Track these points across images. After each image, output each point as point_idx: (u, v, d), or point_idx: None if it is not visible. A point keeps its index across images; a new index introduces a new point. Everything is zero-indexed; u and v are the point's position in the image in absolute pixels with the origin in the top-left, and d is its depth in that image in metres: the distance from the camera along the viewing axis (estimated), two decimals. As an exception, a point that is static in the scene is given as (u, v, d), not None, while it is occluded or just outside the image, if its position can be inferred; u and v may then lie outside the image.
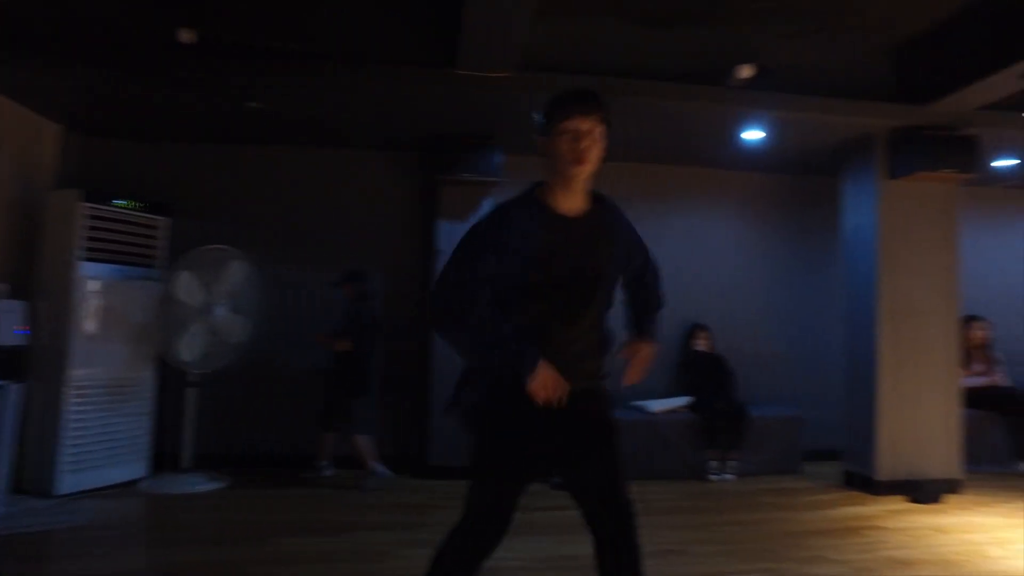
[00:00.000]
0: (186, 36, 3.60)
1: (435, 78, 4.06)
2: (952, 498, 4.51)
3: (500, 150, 4.84)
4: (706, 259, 5.76)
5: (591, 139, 1.83)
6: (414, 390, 5.22)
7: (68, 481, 4.19)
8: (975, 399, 5.55)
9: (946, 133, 4.57)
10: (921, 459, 4.64)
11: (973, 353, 5.74)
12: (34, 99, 4.44)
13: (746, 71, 4.08)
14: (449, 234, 5.05)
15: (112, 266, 4.47)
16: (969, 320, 5.79)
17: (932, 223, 4.78)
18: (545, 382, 1.81)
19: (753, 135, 4.81)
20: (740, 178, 5.86)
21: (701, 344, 5.44)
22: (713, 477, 5.00)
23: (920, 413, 4.67)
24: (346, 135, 5.15)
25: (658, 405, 5.16)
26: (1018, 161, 5.42)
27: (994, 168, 5.59)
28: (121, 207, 4.49)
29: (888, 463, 4.61)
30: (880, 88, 4.62)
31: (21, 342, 4.04)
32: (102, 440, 4.39)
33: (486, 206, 5.11)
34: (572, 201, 1.91)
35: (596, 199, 1.98)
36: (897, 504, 4.39)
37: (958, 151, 4.57)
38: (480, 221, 1.93)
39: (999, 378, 5.70)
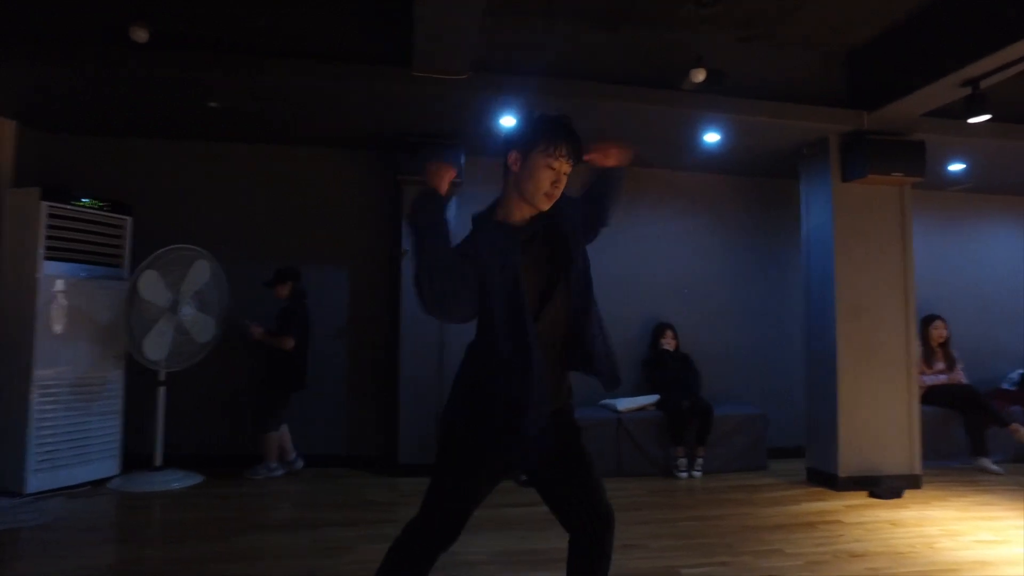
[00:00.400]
0: (139, 35, 3.60)
1: (390, 78, 4.11)
2: (911, 493, 4.60)
3: (461, 151, 4.90)
4: (671, 260, 5.87)
5: (563, 181, 1.90)
6: (383, 391, 5.26)
7: (37, 480, 4.19)
8: (935, 397, 5.69)
9: (895, 138, 4.70)
10: (881, 455, 4.73)
11: (934, 351, 5.88)
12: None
13: (699, 75, 4.16)
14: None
15: (76, 265, 4.47)
16: (930, 319, 5.94)
17: (885, 224, 4.89)
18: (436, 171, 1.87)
19: (711, 137, 4.90)
20: (703, 180, 5.97)
21: (667, 343, 5.51)
22: (681, 474, 5.07)
23: (878, 410, 4.77)
24: (309, 134, 5.19)
25: (625, 403, 5.22)
26: (965, 165, 5.58)
27: (947, 172, 5.76)
28: (83, 205, 4.49)
29: (848, 459, 4.69)
30: (832, 94, 4.77)
31: (-17, 341, 4.02)
32: (71, 439, 4.39)
33: (451, 207, 5.16)
34: (519, 216, 1.94)
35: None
36: (857, 499, 4.47)
37: (906, 155, 4.71)
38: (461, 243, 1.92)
39: (958, 376, 5.83)
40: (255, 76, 4.06)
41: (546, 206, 1.91)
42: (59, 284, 4.38)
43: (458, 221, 4.94)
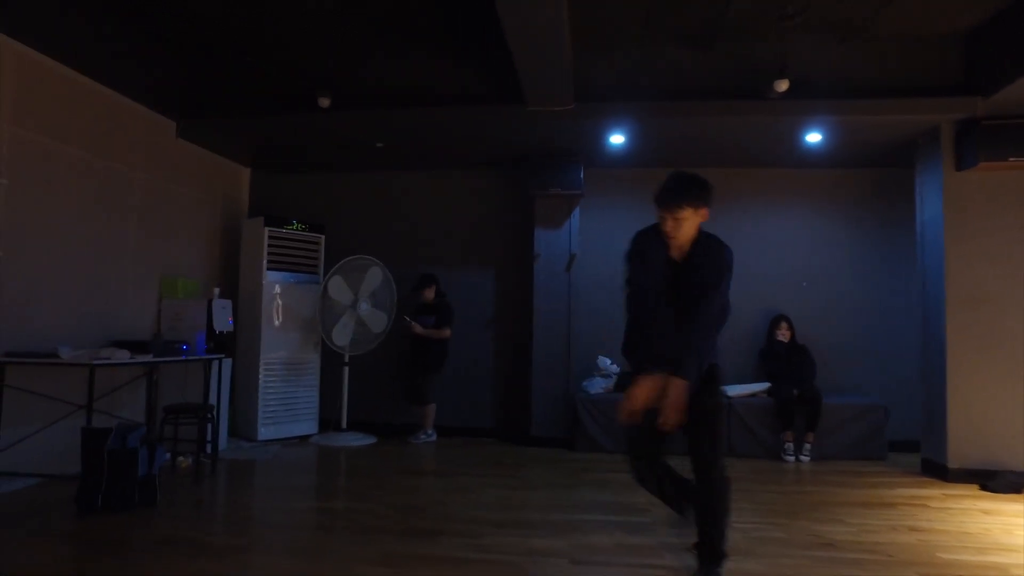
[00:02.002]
0: (323, 102, 4.89)
1: (511, 114, 5.00)
2: (1036, 490, 4.49)
3: (581, 167, 5.65)
4: (789, 254, 6.09)
5: (674, 224, 2.57)
6: (520, 374, 6.17)
7: (265, 431, 5.73)
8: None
9: (1013, 122, 4.57)
10: (1000, 449, 4.65)
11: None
12: (231, 151, 6.06)
13: (782, 85, 4.50)
14: (544, 239, 5.96)
15: (287, 273, 5.94)
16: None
17: (1005, 211, 4.76)
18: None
19: (812, 138, 5.13)
20: (819, 175, 6.12)
21: (782, 334, 5.77)
22: (788, 458, 5.35)
23: (996, 402, 4.68)
24: (457, 160, 6.27)
25: (736, 389, 5.61)
26: None
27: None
28: (291, 228, 5.95)
29: (960, 451, 4.69)
30: (945, 81, 4.76)
31: (230, 329, 5.59)
32: (285, 404, 5.88)
33: (574, 215, 5.95)
34: (675, 249, 2.65)
35: (700, 242, 2.64)
36: (966, 491, 4.47)
37: (1025, 139, 4.55)
38: (631, 247, 2.72)
39: None
40: (405, 123, 5.21)
41: (672, 244, 2.61)
42: (276, 288, 5.89)
43: (582, 230, 5.79)
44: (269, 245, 5.84)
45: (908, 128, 5.01)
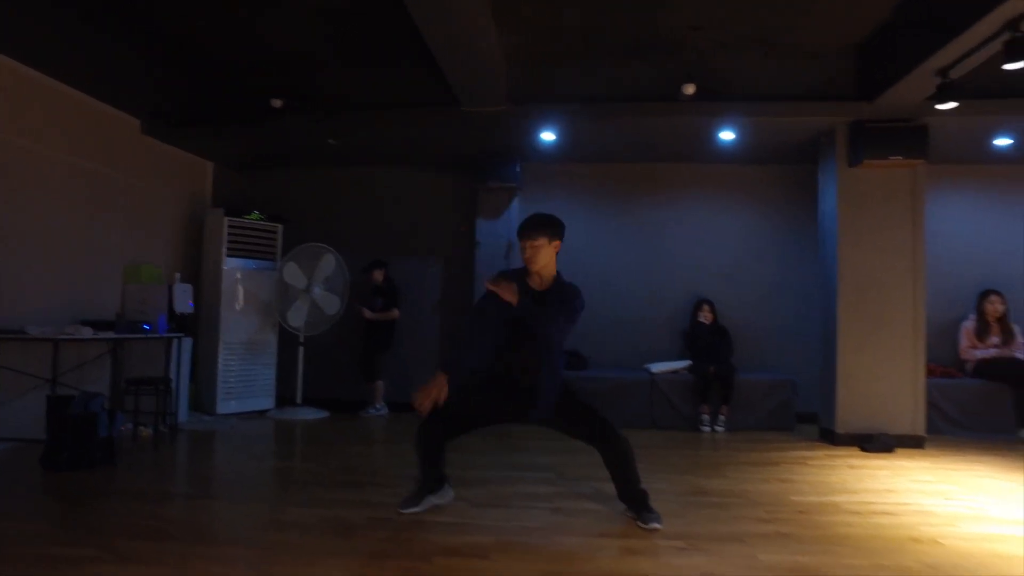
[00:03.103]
0: (276, 103, 5.32)
1: (448, 116, 5.45)
2: (907, 451, 5.04)
3: (517, 162, 6.14)
4: (713, 243, 6.62)
5: (531, 250, 3.11)
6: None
7: (223, 406, 6.18)
8: (986, 370, 5.87)
9: (894, 124, 5.09)
10: (880, 417, 5.20)
11: (989, 326, 6.01)
12: (194, 147, 6.49)
13: (689, 89, 4.99)
14: (485, 229, 6.45)
15: (246, 260, 6.38)
16: (986, 294, 6.07)
17: (892, 204, 5.29)
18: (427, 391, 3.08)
19: (726, 136, 5.63)
20: (733, 171, 6.65)
21: (704, 316, 6.29)
22: (704, 428, 5.88)
23: (880, 377, 5.23)
24: (405, 157, 6.72)
25: (659, 367, 6.13)
26: (1012, 140, 5.66)
27: (996, 148, 5.85)
28: (250, 218, 6.39)
29: (846, 419, 5.24)
30: (841, 88, 5.25)
31: (191, 311, 6.02)
32: (243, 380, 6.33)
33: (513, 206, 6.43)
34: (539, 281, 3.19)
35: (558, 283, 3.22)
36: (848, 452, 5.02)
37: (905, 140, 5.08)
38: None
39: (1012, 350, 5.90)
40: (353, 124, 5.67)
41: (530, 269, 3.17)
42: (237, 274, 6.32)
43: (520, 221, 6.26)
44: (229, 234, 6.27)
45: (810, 129, 5.53)
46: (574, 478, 4.07)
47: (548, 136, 5.80)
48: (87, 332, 4.67)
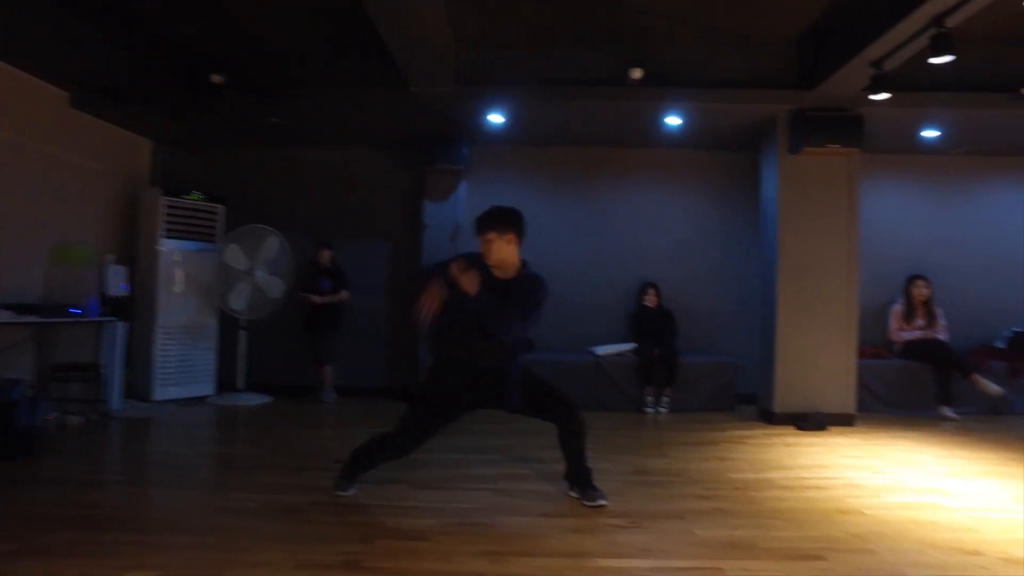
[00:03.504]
0: (217, 79, 5.13)
1: (394, 96, 5.36)
2: (840, 429, 5.25)
3: (465, 144, 6.09)
4: (660, 227, 6.72)
5: (488, 246, 3.08)
6: (410, 338, 6.61)
7: (160, 392, 5.98)
8: (911, 351, 6.16)
9: (832, 113, 5.25)
10: (815, 396, 5.40)
11: (916, 309, 6.29)
12: (129, 123, 6.21)
13: (636, 73, 5.03)
14: (432, 212, 6.39)
15: (186, 241, 6.17)
16: (913, 278, 6.35)
17: (829, 191, 5.47)
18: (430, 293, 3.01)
19: (672, 121, 5.71)
20: (680, 156, 6.75)
21: (649, 300, 6.40)
22: (648, 410, 5.99)
23: (816, 358, 5.43)
24: (354, 138, 6.58)
25: (604, 349, 6.22)
26: (939, 132, 5.91)
27: (924, 139, 6.11)
28: (190, 199, 6.17)
29: (784, 398, 5.42)
30: (784, 76, 5.37)
31: (124, 294, 5.79)
32: (182, 366, 6.14)
33: (460, 188, 6.39)
34: (497, 271, 3.15)
35: (523, 272, 3.19)
36: (783, 431, 5.20)
37: (842, 129, 5.24)
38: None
39: (935, 332, 6.21)
40: (297, 103, 5.52)
41: (489, 263, 3.11)
42: (174, 255, 6.11)
43: (468, 203, 6.25)
44: (167, 214, 6.04)
45: (753, 116, 5.64)
46: (519, 459, 4.11)
47: (496, 119, 5.76)
48: (6, 316, 4.45)
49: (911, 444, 4.72)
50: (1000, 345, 6.35)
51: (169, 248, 6.08)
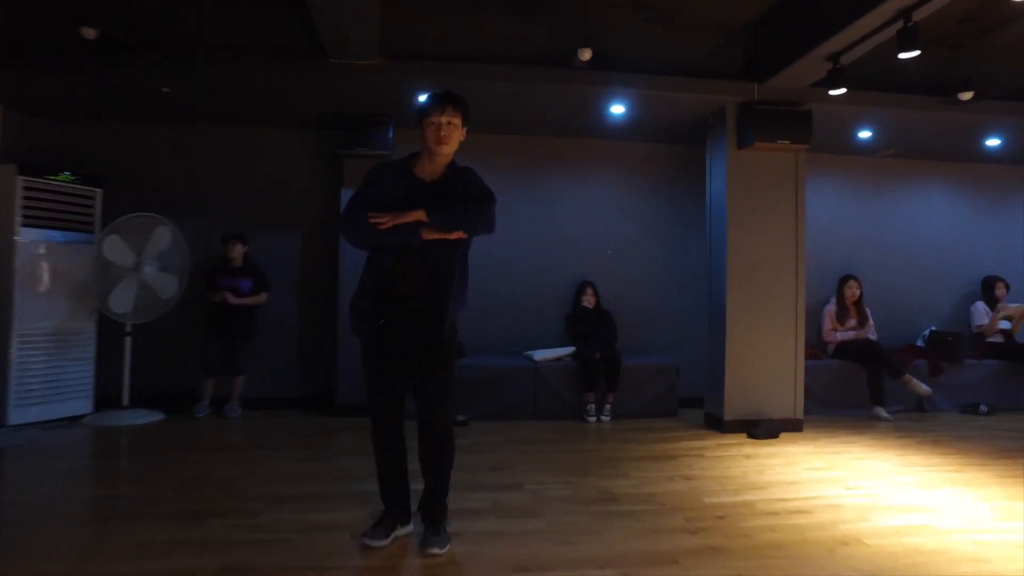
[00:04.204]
0: (89, 33, 4.21)
1: (312, 67, 4.65)
2: (790, 435, 5.07)
3: (390, 126, 5.44)
4: (596, 222, 6.34)
5: (448, 128, 2.58)
6: (325, 340, 5.90)
7: (17, 414, 4.96)
8: (845, 351, 6.12)
9: (784, 108, 5.05)
10: (765, 401, 5.21)
11: (848, 309, 6.28)
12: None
13: (585, 54, 4.59)
14: (352, 202, 5.69)
15: (53, 231, 5.16)
16: (845, 279, 6.34)
17: (778, 188, 5.28)
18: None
19: (616, 109, 5.33)
20: (625, 147, 6.40)
21: (587, 300, 6.01)
22: (590, 418, 5.61)
23: (764, 359, 5.23)
24: (258, 116, 5.76)
25: (542, 354, 5.77)
26: (871, 133, 5.90)
27: (860, 139, 6.09)
28: (56, 179, 5.16)
29: (734, 404, 5.18)
30: (732, 67, 5.13)
31: (-29, 296, 4.74)
32: (48, 380, 5.14)
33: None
34: (431, 170, 2.65)
35: (453, 168, 2.69)
36: (737, 440, 4.96)
37: (793, 124, 5.06)
38: (365, 175, 2.70)
39: (866, 332, 6.22)
40: (191, 71, 4.67)
41: (440, 151, 2.60)
42: (38, 248, 5.09)
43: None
44: (26, 197, 5.01)
45: (700, 107, 5.36)
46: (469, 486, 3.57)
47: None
48: None
49: (862, 450, 4.60)
50: (921, 344, 6.47)
51: (30, 238, 5.05)
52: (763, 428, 5.02)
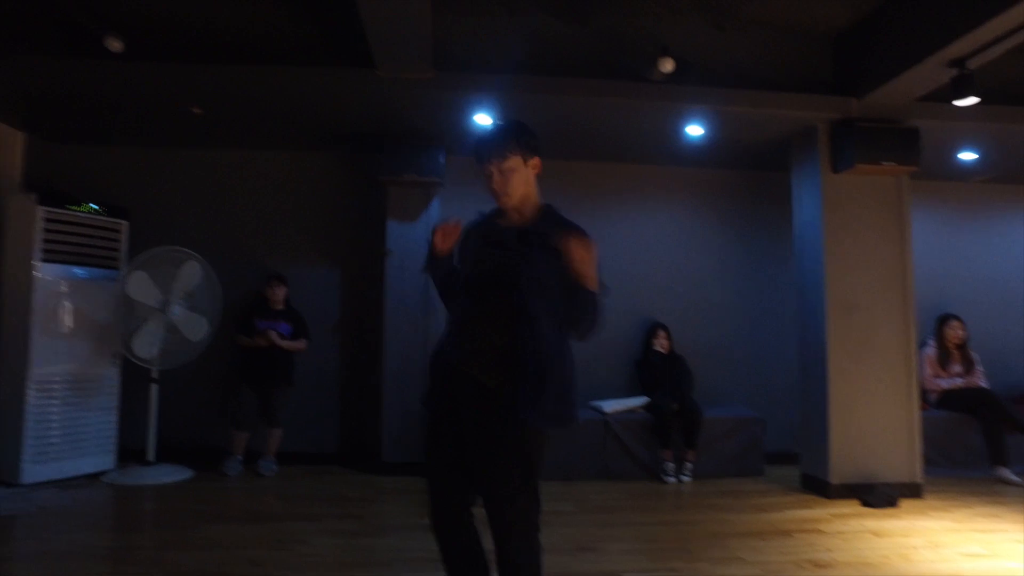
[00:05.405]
0: (114, 45, 3.77)
1: (357, 80, 4.19)
2: (909, 502, 4.34)
3: (442, 151, 4.93)
4: (666, 258, 5.75)
5: (502, 177, 2.04)
6: (369, 389, 5.32)
7: (32, 471, 4.42)
8: (951, 401, 5.38)
9: (886, 125, 4.46)
10: (877, 461, 4.48)
11: (951, 353, 5.56)
12: None
13: (667, 65, 4.06)
14: (397, 233, 5.17)
15: (75, 267, 4.69)
16: (945, 319, 5.63)
17: (880, 216, 4.64)
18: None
19: (693, 130, 4.77)
20: (696, 175, 5.82)
21: (660, 344, 5.38)
22: (668, 478, 4.92)
23: (874, 413, 4.52)
24: (294, 138, 5.29)
25: (613, 405, 5.13)
26: (977, 155, 5.26)
27: (960, 162, 5.45)
28: (79, 210, 4.71)
29: (841, 465, 4.46)
30: (819, 80, 4.58)
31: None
32: (67, 433, 4.61)
33: (433, 206, 5.22)
34: (511, 218, 2.12)
35: (544, 213, 2.13)
36: (848, 508, 4.23)
37: (898, 143, 4.45)
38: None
39: (976, 379, 5.49)
40: (225, 84, 4.22)
41: (503, 202, 2.08)
42: (58, 285, 4.62)
43: (441, 219, 5.05)
44: (47, 230, 4.56)
45: (786, 126, 4.78)
46: None
47: (483, 119, 4.63)
48: None
49: (1008, 525, 3.85)
50: (1040, 393, 5.70)
51: (50, 275, 4.58)
52: (878, 495, 4.29)
